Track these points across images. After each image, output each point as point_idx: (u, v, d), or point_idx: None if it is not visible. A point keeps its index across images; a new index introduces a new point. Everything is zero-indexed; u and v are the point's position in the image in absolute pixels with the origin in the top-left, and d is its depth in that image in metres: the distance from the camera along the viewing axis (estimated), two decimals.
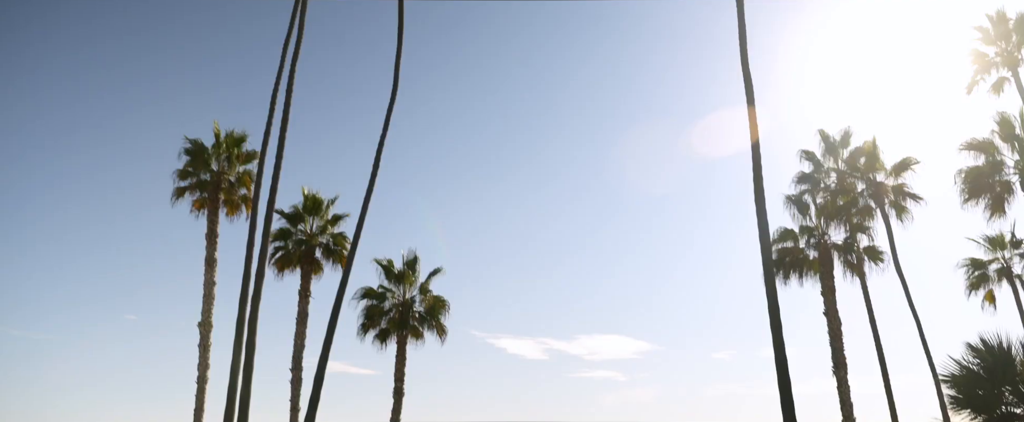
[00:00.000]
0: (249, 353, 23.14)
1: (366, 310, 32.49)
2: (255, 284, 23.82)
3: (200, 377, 30.02)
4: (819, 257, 30.86)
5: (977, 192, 28.72)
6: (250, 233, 24.42)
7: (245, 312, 23.53)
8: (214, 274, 30.85)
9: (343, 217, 33.30)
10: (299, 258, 32.53)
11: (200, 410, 29.63)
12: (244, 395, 22.76)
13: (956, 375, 15.08)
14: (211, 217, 31.49)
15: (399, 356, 32.46)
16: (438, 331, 32.79)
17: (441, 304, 32.93)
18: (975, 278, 31.17)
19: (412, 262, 33.22)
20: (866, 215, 30.59)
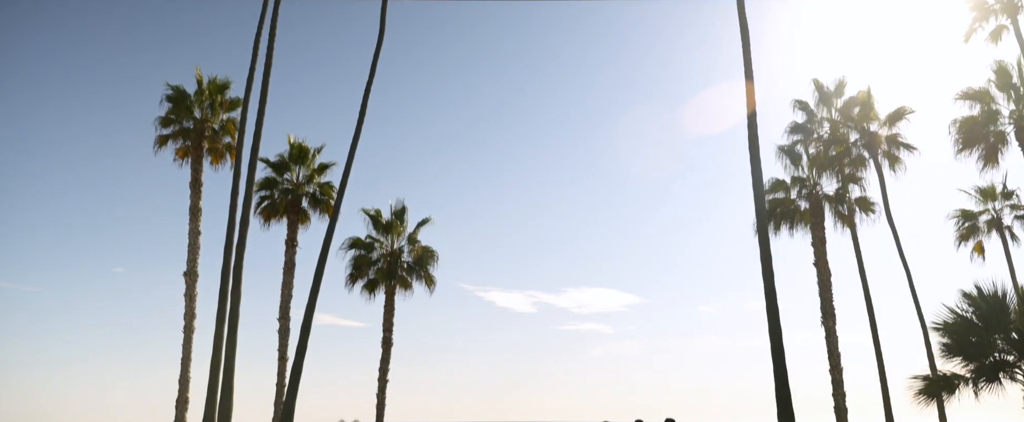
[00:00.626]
0: (234, 302, 22.89)
1: (354, 260, 32.25)
2: (239, 233, 23.50)
3: (186, 327, 29.75)
4: (810, 208, 30.65)
5: (971, 142, 28.44)
6: (234, 181, 24.03)
7: (230, 261, 23.25)
8: (199, 223, 30.42)
9: (330, 166, 32.82)
10: (285, 207, 32.12)
11: (187, 360, 29.43)
12: (230, 344, 22.57)
13: (949, 323, 14.96)
14: (195, 166, 30.93)
15: (387, 307, 32.33)
16: (427, 282, 32.64)
17: (430, 254, 32.70)
18: (965, 229, 31.10)
19: (400, 212, 32.90)
20: (859, 165, 30.31)
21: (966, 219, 31.11)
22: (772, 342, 19.33)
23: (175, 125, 31.25)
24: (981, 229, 31.03)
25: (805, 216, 30.89)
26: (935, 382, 15.28)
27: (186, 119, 31.27)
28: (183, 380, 29.43)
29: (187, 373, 29.39)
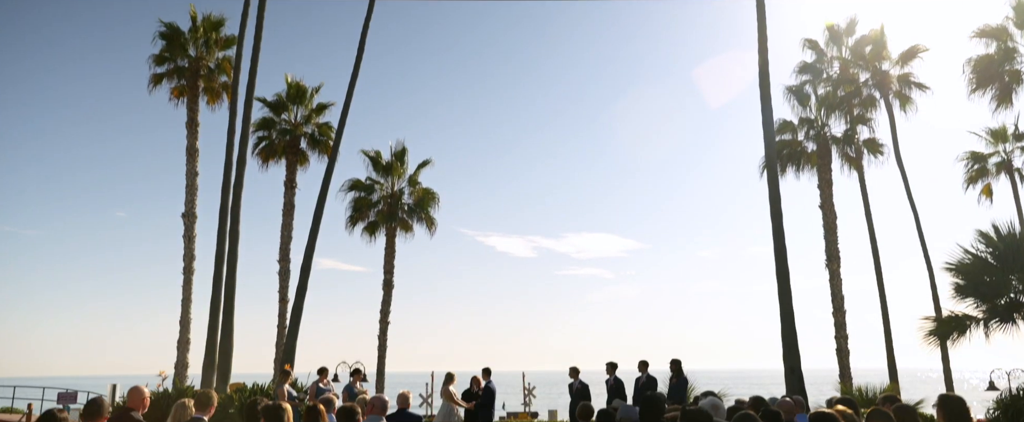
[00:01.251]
0: (233, 242, 22.60)
1: (354, 202, 31.86)
2: (236, 173, 23.07)
3: (186, 268, 29.64)
4: (817, 150, 30.11)
5: (985, 82, 27.74)
6: (230, 120, 23.55)
7: (228, 201, 22.89)
8: (196, 164, 30.00)
9: (328, 106, 32.18)
10: (283, 148, 31.61)
11: (187, 301, 29.35)
12: (229, 284, 22.35)
13: (962, 263, 14.61)
14: (191, 105, 30.39)
15: (388, 249, 32.07)
16: (427, 224, 32.30)
17: (430, 196, 32.31)
18: (974, 171, 30.62)
19: (400, 153, 32.37)
20: (868, 106, 29.68)
21: (975, 161, 30.60)
22: (779, 284, 19.07)
23: (169, 63, 30.59)
24: (990, 171, 30.55)
25: (812, 158, 30.37)
26: (946, 323, 15.02)
27: (180, 57, 30.60)
28: (184, 321, 29.37)
29: (188, 314, 29.32)
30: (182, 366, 28.86)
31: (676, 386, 14.63)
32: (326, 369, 14.95)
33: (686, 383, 14.92)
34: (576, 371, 15.42)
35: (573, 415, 14.81)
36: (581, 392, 14.96)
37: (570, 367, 15.51)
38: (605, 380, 15.39)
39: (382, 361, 31.45)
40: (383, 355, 31.54)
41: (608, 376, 15.30)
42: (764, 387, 33.02)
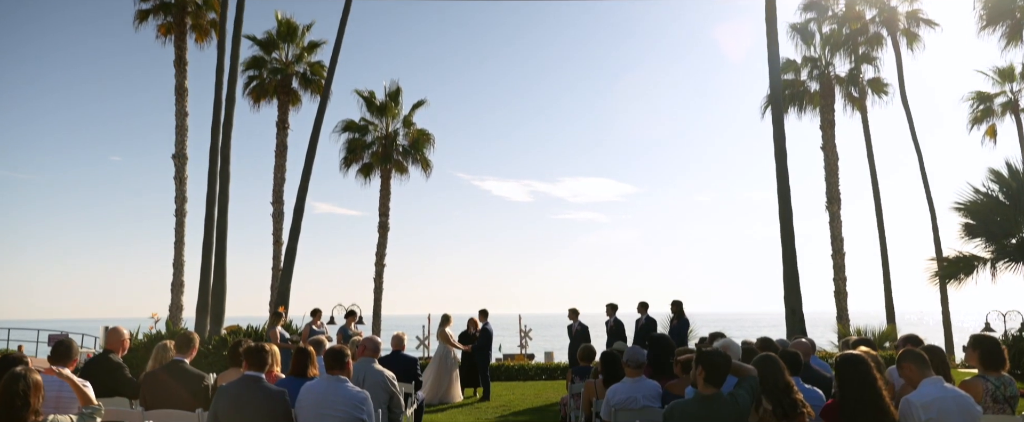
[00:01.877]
0: (223, 183, 22.11)
1: (348, 143, 31.27)
2: (226, 112, 22.47)
3: (178, 210, 29.21)
4: (820, 90, 29.53)
5: (996, 18, 26.98)
6: (218, 58, 22.83)
7: (218, 141, 22.33)
8: (185, 104, 29.28)
9: (320, 44, 31.31)
10: (275, 88, 30.86)
11: (180, 243, 29.01)
12: (221, 226, 21.95)
13: (972, 202, 14.21)
14: (178, 43, 29.50)
15: (383, 191, 31.67)
16: (423, 165, 31.80)
17: (425, 137, 31.73)
18: (979, 112, 30.10)
19: (395, 93, 31.65)
20: (874, 44, 28.96)
21: (981, 101, 30.05)
22: (782, 224, 18.73)
23: None
24: (995, 112, 30.03)
25: (814, 98, 29.80)
26: (954, 263, 14.72)
27: None
28: (177, 263, 29.07)
29: (181, 256, 28.99)
30: (177, 309, 28.66)
31: (677, 328, 14.34)
32: (319, 311, 14.62)
33: (687, 324, 14.64)
34: (575, 313, 15.10)
35: (573, 357, 14.55)
36: (581, 334, 14.68)
37: (569, 309, 15.18)
38: (605, 321, 15.06)
39: (378, 304, 31.31)
40: (379, 298, 31.38)
41: (608, 317, 14.97)
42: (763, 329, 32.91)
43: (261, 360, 5.41)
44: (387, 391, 6.63)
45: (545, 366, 20.59)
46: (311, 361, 6.16)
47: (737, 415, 4.38)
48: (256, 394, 5.25)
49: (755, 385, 4.53)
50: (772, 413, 4.58)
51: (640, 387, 6.29)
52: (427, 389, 14.05)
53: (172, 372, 6.24)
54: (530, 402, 13.99)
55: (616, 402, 6.20)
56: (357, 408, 5.33)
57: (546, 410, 12.90)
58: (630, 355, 6.36)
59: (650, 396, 6.26)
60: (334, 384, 5.40)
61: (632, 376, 6.35)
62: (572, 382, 9.11)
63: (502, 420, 11.78)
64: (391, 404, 6.68)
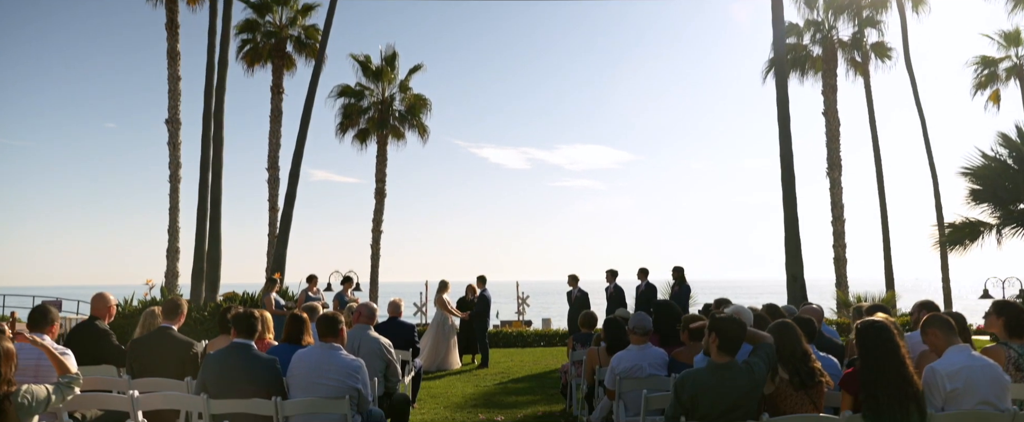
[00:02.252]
0: (217, 148, 21.78)
1: (343, 109, 30.85)
2: (218, 75, 22.06)
3: (172, 176, 28.83)
4: (823, 54, 29.08)
5: None
6: (210, 20, 22.40)
7: (210, 106, 21.95)
8: (178, 68, 28.74)
9: (314, 7, 30.71)
10: (269, 52, 30.35)
11: (175, 209, 28.68)
12: (215, 191, 21.66)
13: (979, 167, 13.94)
14: (170, 5, 28.84)
15: (380, 157, 31.35)
16: (419, 131, 31.44)
17: (422, 103, 31.31)
18: (984, 77, 29.67)
19: (391, 58, 31.15)
20: (879, 7, 28.44)
21: (986, 66, 29.60)
22: (784, 189, 18.45)
23: None
24: (1000, 77, 29.61)
25: (817, 63, 29.39)
26: (960, 229, 14.49)
27: None
28: (172, 230, 28.77)
29: (176, 223, 28.68)
30: (172, 275, 28.43)
31: (678, 294, 14.11)
32: (315, 277, 14.39)
33: (689, 291, 14.39)
34: (575, 279, 14.83)
35: (573, 324, 14.36)
36: (581, 301, 14.45)
37: (569, 275, 14.91)
38: (605, 288, 14.84)
39: (375, 271, 31.14)
40: (376, 265, 31.20)
41: (608, 284, 14.73)
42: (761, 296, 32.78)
43: (250, 327, 5.15)
44: (383, 359, 6.40)
45: (543, 333, 20.48)
46: (304, 328, 5.92)
47: (752, 385, 4.14)
48: (245, 362, 5.01)
49: (771, 353, 4.29)
50: (789, 382, 4.34)
51: (646, 355, 6.06)
52: (425, 356, 13.88)
53: (159, 339, 6.00)
54: (529, 369, 13.84)
55: (621, 370, 5.98)
56: (351, 376, 5.08)
57: (545, 377, 12.75)
58: (636, 322, 6.12)
59: (656, 364, 6.04)
60: (327, 352, 5.16)
61: (638, 343, 6.12)
62: (573, 349, 8.90)
63: (501, 388, 11.62)
64: (387, 372, 6.45)
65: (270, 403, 4.88)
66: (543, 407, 9.62)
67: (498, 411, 9.30)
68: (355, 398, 5.11)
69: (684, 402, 4.17)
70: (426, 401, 10.09)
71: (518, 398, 10.45)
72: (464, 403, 10.02)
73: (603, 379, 6.83)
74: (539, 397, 10.52)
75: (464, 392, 11.04)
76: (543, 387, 11.47)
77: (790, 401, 4.32)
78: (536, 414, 9.11)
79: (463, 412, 9.27)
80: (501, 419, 8.79)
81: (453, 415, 9.04)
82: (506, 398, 10.45)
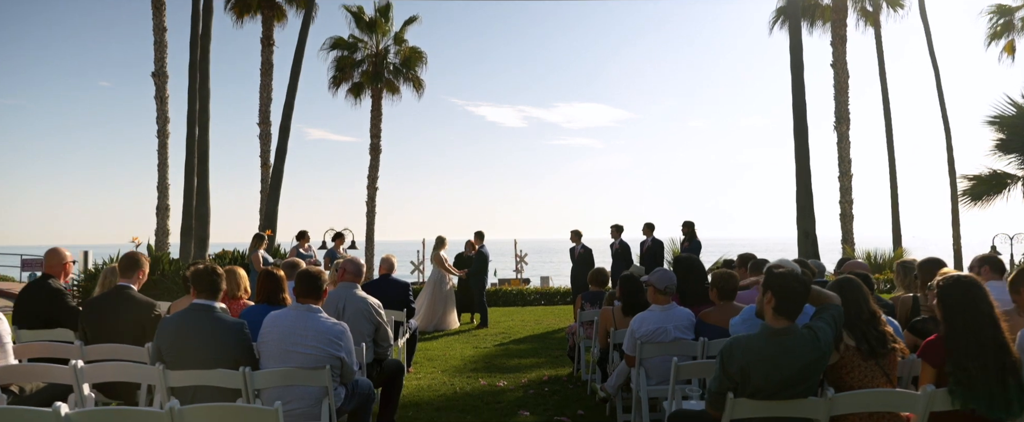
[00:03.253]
0: (203, 101, 20.93)
1: (336, 62, 29.87)
2: (203, 24, 21.14)
3: (160, 131, 27.92)
4: (833, 3, 28.02)
5: None
6: None
7: (196, 56, 21.03)
8: (163, 18, 27.61)
9: None
10: (258, 2, 29.27)
11: (164, 165, 27.82)
12: (202, 145, 20.86)
13: (1010, 115, 13.13)
14: None
15: (374, 111, 30.46)
16: (415, 85, 30.50)
17: (417, 56, 30.32)
18: (999, 26, 28.63)
19: (385, 9, 30.04)
20: None
21: (1001, 15, 28.54)
22: (796, 142, 17.68)
23: None
24: (1016, 26, 28.59)
25: (826, 13, 28.36)
26: (985, 181, 13.74)
27: None
28: (161, 187, 27.96)
29: (165, 179, 27.87)
30: (162, 234, 27.69)
31: (689, 251, 13.37)
32: (306, 233, 13.63)
33: (700, 247, 13.66)
34: (578, 235, 14.06)
35: (578, 281, 13.65)
36: (584, 257, 13.73)
37: (572, 231, 14.14)
38: (610, 244, 14.10)
39: (371, 228, 30.46)
40: (372, 222, 30.53)
41: (613, 240, 13.99)
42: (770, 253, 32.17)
43: (212, 284, 4.40)
44: (371, 321, 5.65)
45: (543, 291, 19.83)
46: (281, 286, 5.18)
47: (817, 354, 3.39)
48: (205, 325, 4.26)
49: (840, 316, 3.54)
50: (856, 350, 3.61)
51: (671, 316, 5.33)
52: (421, 316, 13.22)
53: (116, 300, 5.26)
54: (531, 329, 13.18)
55: (643, 333, 5.26)
56: (332, 343, 4.34)
57: (549, 337, 12.09)
58: (660, 279, 5.38)
59: (682, 326, 5.32)
60: (304, 315, 4.40)
61: (661, 303, 5.39)
62: (582, 309, 8.20)
63: (502, 349, 10.96)
64: (376, 336, 5.70)
65: (237, 374, 4.16)
66: (548, 370, 8.95)
67: (500, 376, 8.63)
68: (337, 368, 4.39)
69: (732, 374, 3.43)
70: (423, 365, 9.43)
71: (521, 361, 9.78)
72: (463, 367, 9.35)
73: (619, 343, 6.13)
74: (543, 359, 9.86)
75: (463, 354, 10.37)
76: (547, 348, 10.82)
77: (857, 372, 3.58)
78: (541, 378, 8.44)
79: (463, 377, 8.59)
80: (503, 384, 8.12)
81: (451, 380, 8.37)
82: (508, 361, 9.77)
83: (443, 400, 7.30)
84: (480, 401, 7.22)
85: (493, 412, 6.77)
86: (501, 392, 7.71)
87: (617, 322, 6.22)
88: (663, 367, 5.28)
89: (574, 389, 7.80)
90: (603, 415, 6.55)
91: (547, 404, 7.07)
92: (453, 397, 7.43)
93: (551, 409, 6.84)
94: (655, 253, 13.68)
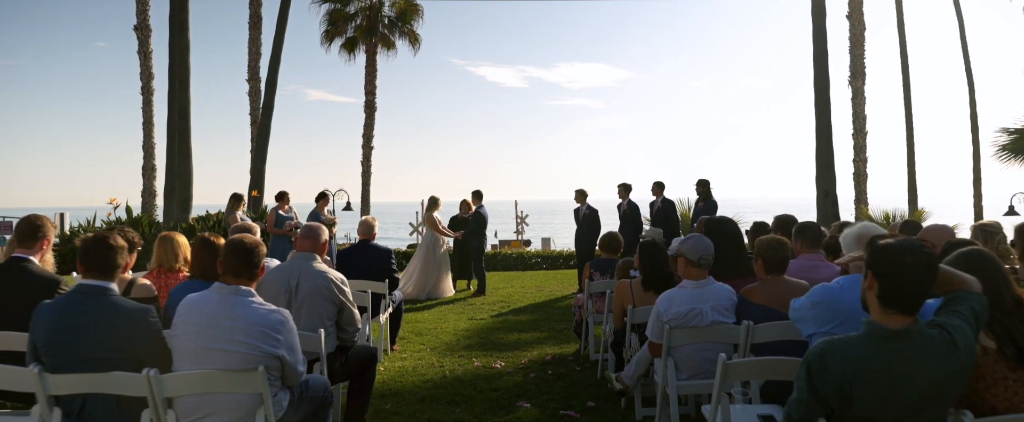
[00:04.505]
0: (182, 53, 19.64)
1: (329, 15, 28.55)
2: None
3: (144, 88, 26.84)
4: None
5: None
6: None
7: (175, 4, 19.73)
8: None
9: None
10: None
11: (148, 124, 26.79)
12: (182, 100, 19.63)
13: None
14: None
15: (369, 67, 29.26)
16: (410, 39, 29.21)
17: (413, 8, 28.99)
18: None
19: None
20: None
21: None
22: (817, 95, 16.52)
23: None
24: None
25: None
26: None
27: None
28: (147, 146, 26.93)
29: (150, 138, 26.80)
30: (149, 195, 26.72)
31: (704, 211, 12.23)
32: (286, 194, 12.52)
33: (716, 208, 12.50)
34: (583, 194, 12.90)
35: (585, 246, 12.56)
36: (590, 219, 12.61)
37: (576, 190, 12.97)
38: (617, 205, 12.96)
39: (367, 189, 29.33)
40: (368, 183, 29.41)
41: (621, 200, 12.84)
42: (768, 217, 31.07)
43: (104, 261, 3.31)
44: (332, 301, 4.52)
45: (545, 254, 18.80)
46: (211, 251, 4.11)
47: (956, 366, 2.29)
48: (96, 312, 3.19)
49: (982, 309, 2.44)
50: (999, 355, 2.52)
51: (708, 294, 4.25)
52: (413, 283, 12.19)
53: (10, 273, 4.18)
54: (532, 297, 12.15)
55: (674, 315, 4.19)
56: (267, 337, 3.25)
57: (551, 307, 11.06)
58: (693, 247, 4.29)
59: (722, 307, 4.24)
60: (230, 299, 3.30)
61: (695, 278, 4.31)
62: (590, 279, 7.16)
63: (500, 322, 9.93)
64: (340, 318, 4.60)
65: (141, 378, 3.10)
66: (552, 348, 7.92)
67: (496, 355, 7.59)
68: (276, 368, 3.32)
69: (826, 394, 2.33)
70: (410, 340, 8.41)
71: (520, 336, 8.75)
72: (456, 343, 8.32)
73: (638, 323, 5.07)
74: (545, 334, 8.84)
75: (457, 328, 9.35)
76: (549, 320, 9.79)
77: (1003, 388, 2.48)
78: (543, 358, 7.41)
79: (454, 356, 7.56)
80: (501, 365, 7.10)
81: (441, 360, 7.34)
82: (506, 336, 8.74)
83: (429, 387, 6.27)
84: (473, 388, 6.18)
85: (487, 403, 5.73)
86: (497, 376, 6.68)
87: (636, 298, 5.16)
88: (697, 357, 4.23)
89: (582, 372, 6.76)
90: (618, 408, 5.49)
91: (551, 392, 6.02)
92: (441, 383, 6.40)
93: (556, 399, 5.80)
94: (667, 215, 12.56)
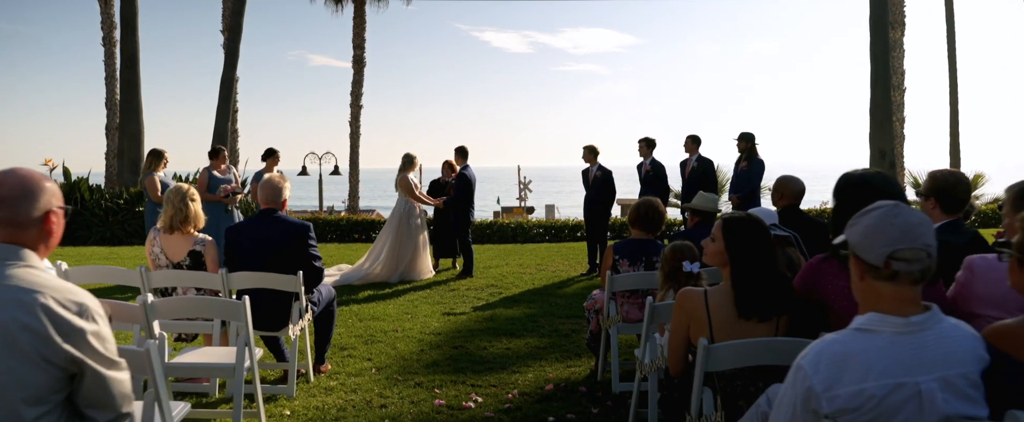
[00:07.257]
0: None
1: None
2: None
3: (105, 38, 24.64)
4: None
5: None
6: None
7: None
8: None
9: None
10: None
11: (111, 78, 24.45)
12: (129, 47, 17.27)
13: None
14: None
15: (357, 19, 27.00)
16: None
17: None
18: None
19: None
20: None
21: None
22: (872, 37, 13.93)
23: None
24: None
25: None
26: None
27: None
28: (109, 103, 24.52)
29: (113, 95, 24.35)
30: (112, 156, 24.31)
31: (748, 173, 9.69)
32: (222, 150, 9.98)
33: (762, 170, 9.92)
34: (594, 152, 10.26)
35: (593, 215, 10.08)
36: (602, 182, 10.07)
37: (585, 147, 10.35)
38: (637, 165, 10.43)
39: (355, 153, 26.97)
40: (356, 144, 27.06)
41: (643, 159, 10.29)
42: None
43: None
44: (38, 360, 1.91)
45: (548, 224, 16.30)
46: None
47: None
48: None
49: None
50: None
51: (928, 349, 1.78)
52: (383, 263, 9.75)
53: None
54: (530, 281, 9.70)
55: (849, 400, 1.75)
56: None
57: (554, 295, 8.62)
58: (900, 235, 1.82)
59: (960, 378, 1.80)
60: None
61: (900, 307, 1.85)
62: (614, 270, 4.73)
63: (487, 319, 7.49)
64: (76, 397, 2.01)
65: None
66: (554, 368, 5.45)
67: (473, 381, 5.13)
68: None
69: None
70: (355, 350, 5.96)
71: (510, 345, 6.27)
72: (417, 358, 5.82)
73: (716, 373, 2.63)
74: (546, 340, 6.36)
75: (425, 329, 6.85)
76: (551, 316, 7.34)
77: None
78: (542, 388, 4.97)
79: (408, 384, 5.07)
80: (475, 404, 4.65)
81: (387, 392, 4.86)
82: (491, 346, 6.25)
83: None
84: None
85: None
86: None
87: (717, 325, 2.70)
88: None
89: (599, 417, 4.34)
90: None
91: None
92: None
93: None
94: (705, 176, 10.00)
